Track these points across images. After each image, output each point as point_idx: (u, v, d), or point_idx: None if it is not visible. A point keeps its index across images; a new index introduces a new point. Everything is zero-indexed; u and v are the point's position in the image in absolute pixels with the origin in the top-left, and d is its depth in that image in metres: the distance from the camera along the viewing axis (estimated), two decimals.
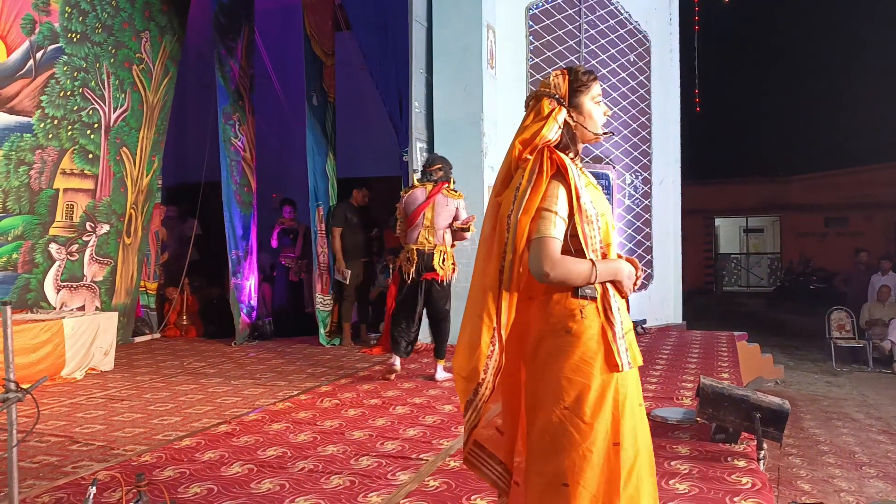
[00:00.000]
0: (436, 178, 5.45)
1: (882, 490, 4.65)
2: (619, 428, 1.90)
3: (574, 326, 1.93)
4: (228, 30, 7.82)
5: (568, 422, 1.89)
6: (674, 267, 9.32)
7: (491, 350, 1.97)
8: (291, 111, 9.62)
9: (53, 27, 6.34)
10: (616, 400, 1.92)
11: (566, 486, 1.87)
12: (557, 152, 2.01)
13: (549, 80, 2.13)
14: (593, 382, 1.90)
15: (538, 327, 1.99)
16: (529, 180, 1.97)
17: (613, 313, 1.96)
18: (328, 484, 3.09)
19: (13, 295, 6.11)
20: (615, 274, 1.99)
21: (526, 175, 1.98)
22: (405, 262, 5.42)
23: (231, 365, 6.28)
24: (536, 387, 1.99)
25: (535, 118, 2.07)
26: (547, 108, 2.06)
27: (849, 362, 9.47)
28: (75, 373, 5.68)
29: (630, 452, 1.91)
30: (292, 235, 8.45)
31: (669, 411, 4.23)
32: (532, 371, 2.01)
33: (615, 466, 1.88)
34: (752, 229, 22.29)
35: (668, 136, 9.24)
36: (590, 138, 2.14)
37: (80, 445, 3.78)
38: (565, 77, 2.11)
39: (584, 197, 1.99)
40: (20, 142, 6.10)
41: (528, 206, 1.95)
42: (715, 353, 6.72)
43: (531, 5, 7.97)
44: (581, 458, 1.87)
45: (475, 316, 2.01)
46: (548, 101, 2.07)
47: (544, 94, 2.10)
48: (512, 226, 1.95)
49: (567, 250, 1.96)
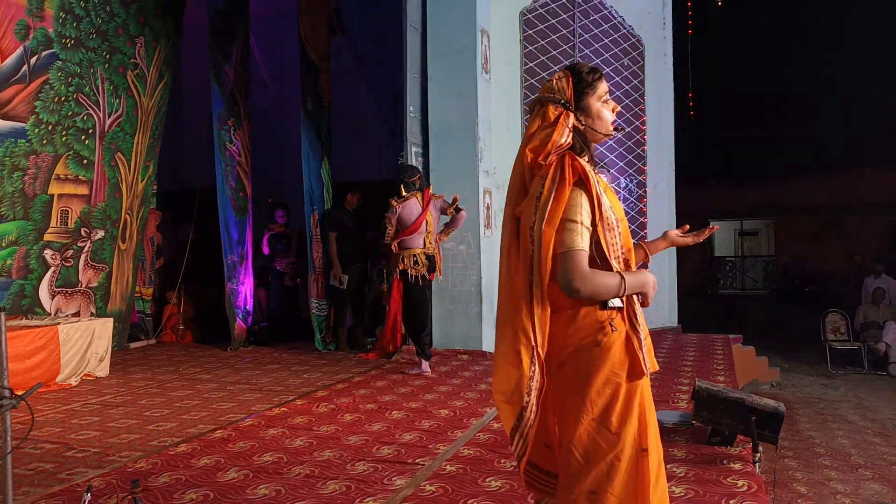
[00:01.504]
0: (420, 187, 5.84)
1: (878, 492, 4.66)
2: (647, 433, 1.90)
3: (604, 339, 1.90)
4: (223, 35, 7.82)
5: (595, 432, 1.88)
6: (669, 270, 9.33)
7: (532, 371, 1.91)
8: (287, 116, 9.61)
9: (47, 32, 6.33)
10: (642, 406, 1.92)
11: (594, 493, 1.87)
12: (578, 159, 1.94)
13: (552, 83, 2.05)
14: (621, 391, 1.89)
15: (563, 342, 1.95)
16: (551, 189, 1.89)
17: (638, 321, 1.94)
18: (324, 489, 3.08)
19: (7, 301, 6.08)
20: (643, 286, 1.95)
21: (547, 184, 1.90)
22: (412, 266, 5.73)
23: (227, 370, 6.27)
24: (563, 402, 1.96)
25: (542, 125, 1.99)
26: (553, 114, 1.99)
27: (844, 365, 9.49)
28: (70, 379, 5.66)
29: (655, 457, 1.91)
30: (285, 240, 8.43)
31: (665, 414, 4.23)
32: (558, 386, 1.98)
33: (644, 472, 1.88)
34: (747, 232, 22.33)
35: (662, 139, 9.26)
36: (600, 138, 2.09)
37: (75, 452, 3.76)
38: (569, 79, 2.03)
39: (605, 203, 1.94)
40: (14, 147, 6.09)
41: (552, 216, 1.88)
42: (710, 356, 6.73)
43: (525, 9, 8.00)
44: (609, 467, 1.86)
45: (511, 336, 1.95)
46: (553, 108, 2.00)
47: (548, 99, 2.02)
48: (536, 238, 1.88)
49: (591, 258, 1.91)
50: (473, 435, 3.96)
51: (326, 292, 7.43)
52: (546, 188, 1.90)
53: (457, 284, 6.92)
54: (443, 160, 6.99)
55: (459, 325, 6.86)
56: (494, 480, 3.16)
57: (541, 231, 1.88)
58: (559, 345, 1.95)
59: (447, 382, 5.47)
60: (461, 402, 4.77)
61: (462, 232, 6.87)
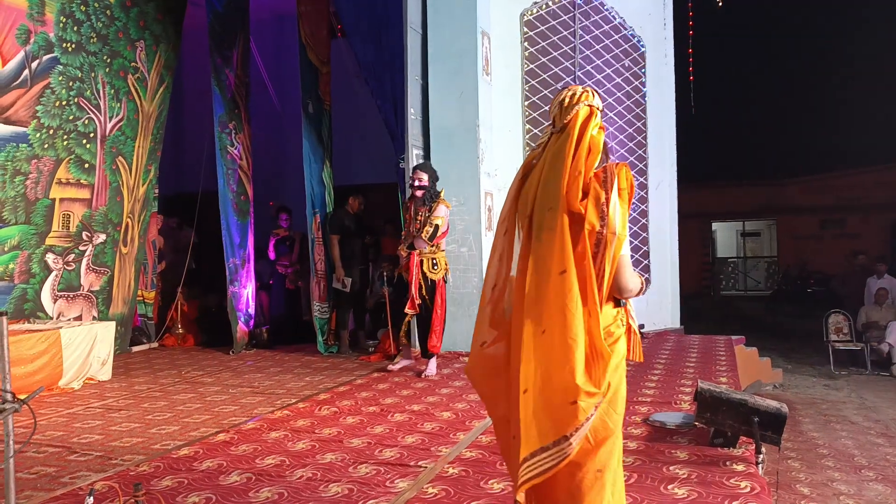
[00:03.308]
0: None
1: (881, 493, 4.65)
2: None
3: (616, 332, 2.14)
4: (224, 39, 7.83)
5: (605, 415, 2.06)
6: (671, 271, 9.33)
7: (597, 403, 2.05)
8: (287, 119, 9.63)
9: (48, 37, 6.34)
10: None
11: (600, 472, 2.07)
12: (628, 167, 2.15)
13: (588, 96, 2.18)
14: (623, 378, 2.14)
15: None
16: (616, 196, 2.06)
17: (633, 315, 2.22)
18: (327, 492, 3.08)
19: (10, 305, 6.09)
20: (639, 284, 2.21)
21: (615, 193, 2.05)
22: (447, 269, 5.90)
23: (229, 373, 6.27)
24: None
25: (592, 142, 2.11)
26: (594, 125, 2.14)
27: (847, 365, 9.47)
28: (73, 383, 5.66)
29: (620, 439, 2.17)
30: (288, 243, 8.44)
31: (668, 416, 4.23)
32: None
33: (618, 451, 2.15)
34: (749, 233, 22.33)
35: (663, 140, 9.26)
36: None
37: (78, 456, 3.76)
38: (596, 96, 2.21)
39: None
40: (16, 152, 6.10)
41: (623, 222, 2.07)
42: (713, 357, 6.72)
43: (525, 11, 8.00)
44: (612, 445, 2.09)
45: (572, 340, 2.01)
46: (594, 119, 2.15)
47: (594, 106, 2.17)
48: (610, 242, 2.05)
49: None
50: (475, 437, 3.96)
51: (328, 295, 7.43)
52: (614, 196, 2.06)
53: (459, 287, 6.92)
54: (444, 162, 6.98)
55: (461, 328, 6.85)
56: (497, 483, 3.16)
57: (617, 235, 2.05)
58: None
59: (449, 385, 5.47)
60: (463, 405, 4.76)
61: (464, 234, 6.88)
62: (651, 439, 3.81)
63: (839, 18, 15.75)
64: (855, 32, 15.75)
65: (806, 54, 16.86)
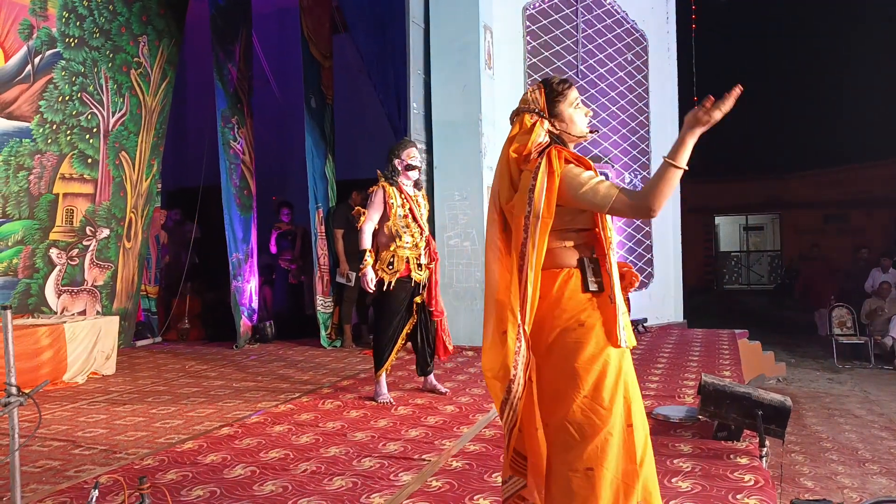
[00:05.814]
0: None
1: (885, 486, 4.65)
2: (631, 410, 2.02)
3: (586, 319, 2.06)
4: (226, 33, 7.82)
5: (589, 409, 2.00)
6: (674, 265, 9.32)
7: (518, 346, 2.04)
8: (290, 114, 9.60)
9: (51, 32, 6.34)
10: (626, 384, 2.04)
11: (591, 470, 1.98)
12: (565, 149, 2.16)
13: (527, 95, 2.26)
14: (609, 369, 2.02)
15: (550, 324, 2.10)
16: (543, 181, 2.06)
17: (617, 300, 2.09)
18: (331, 485, 3.09)
19: (14, 300, 6.11)
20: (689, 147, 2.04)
21: (539, 177, 2.07)
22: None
23: (232, 368, 6.28)
24: (555, 380, 2.07)
25: (521, 131, 2.21)
26: (528, 121, 2.20)
27: (850, 359, 9.47)
28: (77, 377, 5.68)
29: (641, 434, 2.03)
30: (290, 238, 8.45)
31: (671, 409, 4.23)
32: (549, 366, 2.09)
33: (631, 448, 2.00)
34: (752, 227, 22.29)
35: (666, 134, 9.23)
36: (576, 141, 2.27)
37: (83, 449, 3.77)
38: (541, 91, 2.24)
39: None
40: (19, 147, 6.11)
41: (548, 206, 2.05)
42: (716, 350, 6.72)
43: (528, 5, 7.98)
44: (603, 442, 1.98)
45: (497, 317, 2.10)
46: (528, 116, 2.21)
47: (524, 109, 2.24)
48: (531, 227, 2.05)
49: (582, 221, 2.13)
50: (479, 431, 3.96)
51: (332, 290, 7.43)
52: (539, 181, 2.07)
53: (461, 281, 6.92)
54: (446, 157, 6.98)
55: (464, 322, 6.86)
56: (500, 476, 3.16)
57: (537, 220, 2.04)
58: (547, 328, 2.09)
59: (452, 379, 5.48)
60: (466, 399, 4.77)
61: (466, 229, 6.87)
62: (655, 433, 3.80)
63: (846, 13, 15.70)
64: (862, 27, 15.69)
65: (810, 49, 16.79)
